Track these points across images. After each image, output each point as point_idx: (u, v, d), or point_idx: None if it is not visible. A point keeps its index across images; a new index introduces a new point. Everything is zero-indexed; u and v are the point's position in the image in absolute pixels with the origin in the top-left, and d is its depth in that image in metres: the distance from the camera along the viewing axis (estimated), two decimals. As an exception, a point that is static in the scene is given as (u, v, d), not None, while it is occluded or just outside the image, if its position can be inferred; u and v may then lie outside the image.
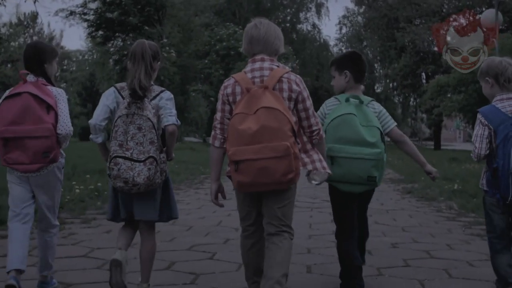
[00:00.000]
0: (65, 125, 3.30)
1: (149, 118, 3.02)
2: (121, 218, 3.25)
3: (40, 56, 3.41)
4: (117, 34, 28.94)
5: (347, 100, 3.34)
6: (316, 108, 3.34)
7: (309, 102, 2.95)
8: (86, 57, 50.55)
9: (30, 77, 3.36)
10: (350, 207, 3.42)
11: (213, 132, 3.00)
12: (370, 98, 3.48)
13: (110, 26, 27.87)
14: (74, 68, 57.82)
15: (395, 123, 3.50)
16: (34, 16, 51.46)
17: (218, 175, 3.06)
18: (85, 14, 28.22)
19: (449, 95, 24.97)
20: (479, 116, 3.17)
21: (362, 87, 3.55)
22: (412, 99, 42.20)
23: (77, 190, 7.77)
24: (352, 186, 3.27)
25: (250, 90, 2.81)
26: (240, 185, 2.80)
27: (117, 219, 3.28)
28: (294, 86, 2.90)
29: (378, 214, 6.92)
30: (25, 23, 51.63)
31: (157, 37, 26.02)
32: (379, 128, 3.28)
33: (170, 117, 3.11)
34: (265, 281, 2.78)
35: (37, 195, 3.38)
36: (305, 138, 2.99)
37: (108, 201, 3.33)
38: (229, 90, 2.94)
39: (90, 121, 3.16)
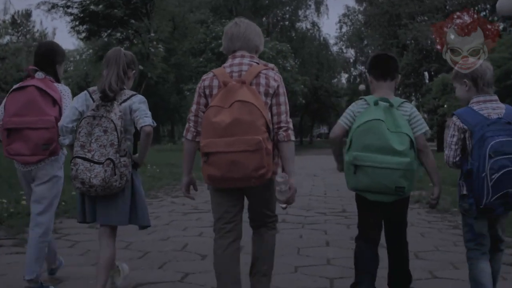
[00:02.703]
0: None
1: (112, 120, 3.00)
2: (89, 220, 3.20)
3: (54, 56, 3.56)
4: (102, 28, 27.75)
5: (375, 103, 3.15)
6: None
7: (283, 98, 2.90)
8: (83, 56, 49.50)
9: (40, 74, 3.47)
10: (377, 216, 3.27)
11: (187, 125, 2.98)
12: (401, 100, 3.26)
13: (95, 19, 26.74)
14: (72, 68, 56.95)
15: (425, 129, 3.21)
16: (27, 14, 50.58)
17: (190, 169, 3.05)
18: (68, 7, 27.22)
19: (453, 95, 24.10)
20: (454, 118, 3.09)
21: (391, 83, 3.33)
22: (414, 99, 41.18)
23: (24, 202, 6.54)
24: (380, 195, 3.07)
25: (227, 84, 2.78)
26: (210, 179, 2.76)
27: (86, 222, 3.24)
28: (272, 82, 2.88)
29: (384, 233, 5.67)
30: (19, 21, 50.73)
31: (144, 31, 24.78)
32: (408, 135, 3.04)
33: (146, 118, 3.07)
34: (253, 273, 2.98)
35: (33, 188, 3.43)
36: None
37: (77, 204, 3.26)
38: (206, 83, 2.92)
39: (58, 123, 3.18)
